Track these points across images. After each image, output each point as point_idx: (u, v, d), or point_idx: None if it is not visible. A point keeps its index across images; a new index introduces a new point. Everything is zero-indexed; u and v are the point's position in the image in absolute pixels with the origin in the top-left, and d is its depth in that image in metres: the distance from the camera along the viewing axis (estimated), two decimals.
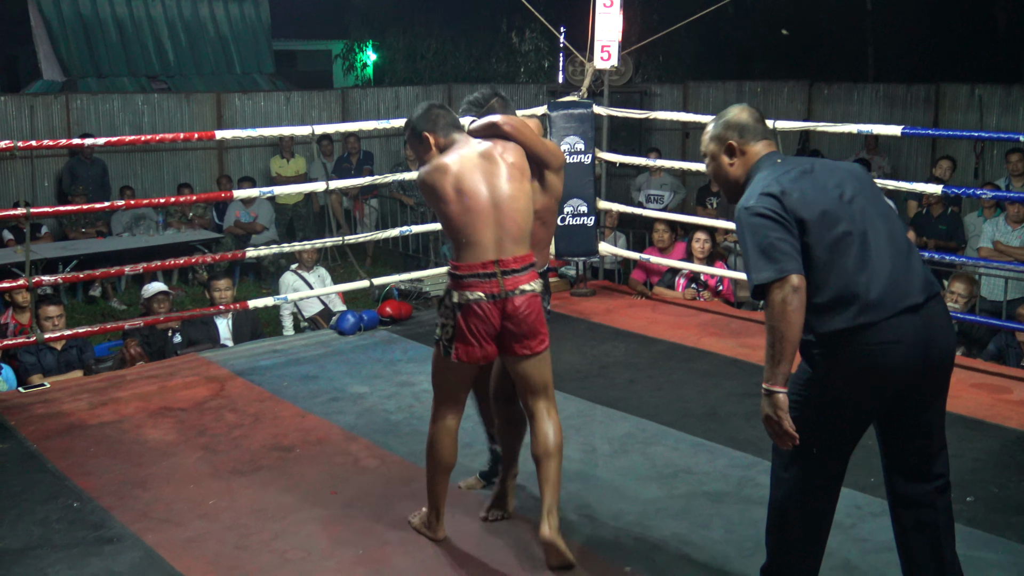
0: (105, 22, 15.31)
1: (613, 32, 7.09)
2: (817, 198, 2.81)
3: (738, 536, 3.61)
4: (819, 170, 2.91)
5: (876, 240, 2.81)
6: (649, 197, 11.46)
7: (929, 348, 2.80)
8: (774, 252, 2.74)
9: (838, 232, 2.78)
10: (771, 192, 2.81)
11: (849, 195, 2.86)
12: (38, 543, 3.60)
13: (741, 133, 3.01)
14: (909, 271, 2.83)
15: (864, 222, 2.82)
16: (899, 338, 2.75)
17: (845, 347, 2.78)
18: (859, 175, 2.97)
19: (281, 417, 4.86)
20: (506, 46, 17.06)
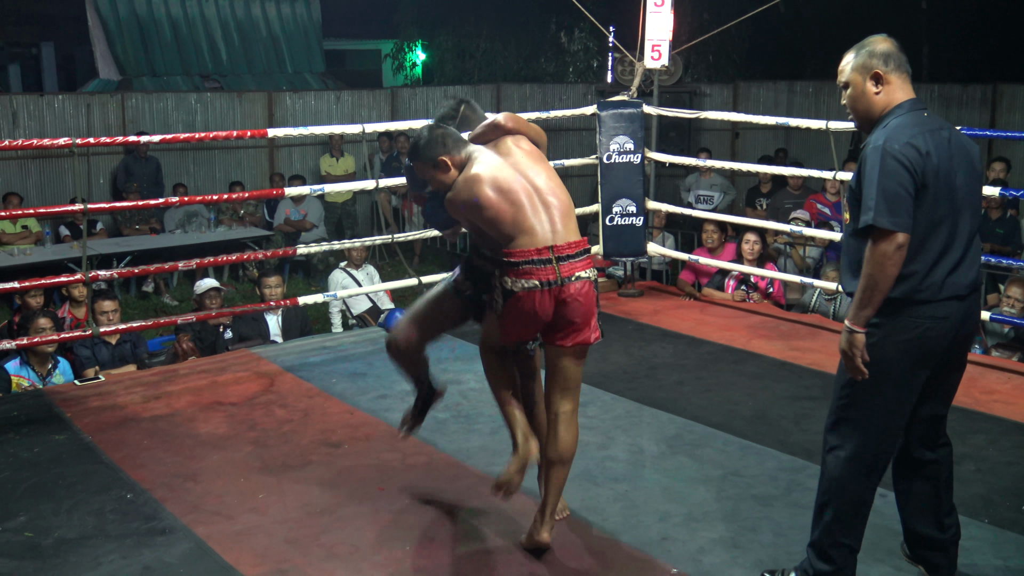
0: (160, 22, 15.56)
1: (664, 31, 7.06)
2: (946, 174, 2.90)
3: (787, 540, 3.57)
4: (955, 143, 2.96)
5: (961, 231, 2.95)
6: (699, 198, 11.39)
7: (960, 328, 3.00)
8: (898, 204, 2.82)
9: (941, 213, 2.90)
10: (918, 147, 2.86)
11: (961, 180, 2.95)
12: (92, 533, 3.67)
13: (886, 61, 3.02)
14: (972, 266, 2.99)
15: (959, 211, 2.94)
16: (949, 315, 2.95)
17: (895, 316, 2.94)
18: (975, 162, 3.04)
19: (330, 413, 4.91)
20: (555, 45, 17.03)
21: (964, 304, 2.99)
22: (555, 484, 3.47)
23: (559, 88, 14.77)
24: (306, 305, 6.48)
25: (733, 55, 15.79)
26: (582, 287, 3.37)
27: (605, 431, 4.63)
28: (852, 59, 3.09)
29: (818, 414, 4.81)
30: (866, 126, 3.07)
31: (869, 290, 2.89)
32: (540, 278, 3.30)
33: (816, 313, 6.97)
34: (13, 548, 3.56)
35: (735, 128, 13.89)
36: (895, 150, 2.85)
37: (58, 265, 8.99)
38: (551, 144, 11.49)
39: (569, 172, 13.00)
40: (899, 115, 2.97)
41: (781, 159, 12.36)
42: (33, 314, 6.16)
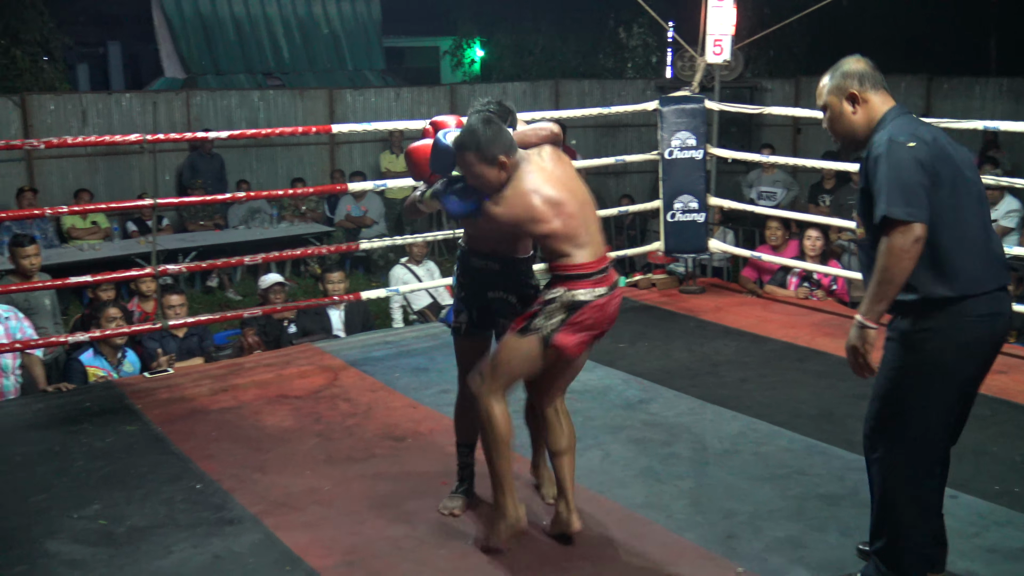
0: (224, 21, 15.80)
1: (726, 26, 7.00)
2: (953, 162, 2.89)
3: (854, 540, 3.53)
4: (949, 140, 2.96)
5: (979, 220, 2.94)
6: (761, 194, 11.28)
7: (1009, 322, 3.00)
8: (912, 194, 2.78)
9: (965, 203, 2.88)
10: (923, 138, 2.86)
11: (968, 173, 2.95)
12: (163, 522, 3.75)
13: (861, 81, 3.03)
14: (1000, 255, 2.99)
15: (974, 202, 2.93)
16: (999, 310, 2.93)
17: (949, 315, 2.88)
18: (970, 158, 3.05)
19: (393, 407, 4.95)
20: (613, 41, 16.95)
21: (1009, 297, 2.99)
22: (570, 471, 3.56)
23: (618, 84, 14.72)
24: (368, 300, 6.54)
25: (795, 49, 15.59)
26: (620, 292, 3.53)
27: (668, 428, 4.61)
28: (827, 82, 3.12)
29: None
30: (850, 145, 3.13)
31: (885, 284, 2.83)
32: (606, 284, 3.40)
33: None
34: (88, 535, 3.65)
35: (797, 124, 13.71)
36: (902, 143, 2.85)
37: (126, 260, 9.18)
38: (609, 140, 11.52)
39: (628, 168, 13.03)
40: (893, 118, 2.98)
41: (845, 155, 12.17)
42: (103, 304, 6.30)
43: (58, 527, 3.71)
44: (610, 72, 16.43)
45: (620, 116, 9.44)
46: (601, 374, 5.38)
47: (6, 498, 3.97)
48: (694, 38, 7.35)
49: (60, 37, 13.23)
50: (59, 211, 5.71)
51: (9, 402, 5.31)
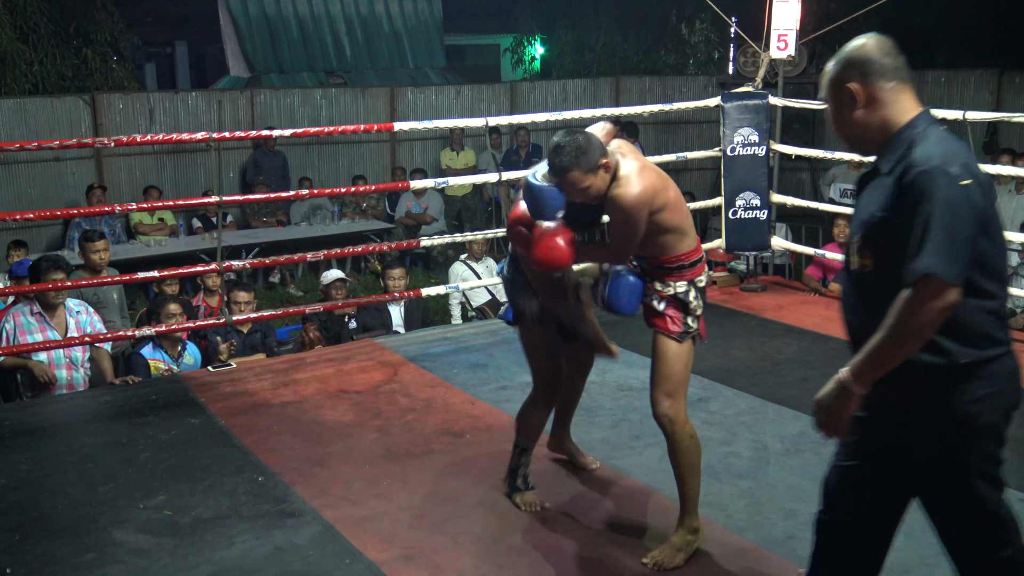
0: (287, 20, 16.00)
1: (791, 20, 6.90)
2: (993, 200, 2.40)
3: (919, 543, 3.45)
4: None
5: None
6: (844, 192, 11.08)
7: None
8: (963, 252, 2.26)
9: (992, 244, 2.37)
10: (975, 173, 2.32)
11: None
12: (227, 513, 3.80)
13: (864, 72, 2.43)
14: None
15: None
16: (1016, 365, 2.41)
17: (994, 377, 2.40)
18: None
19: (451, 403, 4.97)
20: (675, 37, 16.84)
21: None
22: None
23: (679, 80, 14.61)
24: (427, 297, 6.57)
25: None
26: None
27: (728, 427, 4.57)
28: (828, 69, 2.51)
29: None
30: (860, 150, 2.58)
31: (895, 348, 2.32)
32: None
33: None
34: (153, 525, 3.73)
35: None
36: (954, 177, 2.27)
37: (191, 256, 9.35)
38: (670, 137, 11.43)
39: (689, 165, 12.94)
40: (926, 129, 2.43)
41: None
42: (163, 299, 6.42)
43: (125, 516, 3.79)
44: (671, 68, 16.32)
45: (681, 113, 9.38)
46: None
47: (75, 487, 4.07)
48: (757, 33, 7.26)
49: (129, 37, 13.50)
50: (128, 208, 5.82)
51: (78, 394, 5.44)
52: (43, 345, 5.36)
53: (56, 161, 11.15)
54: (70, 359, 5.58)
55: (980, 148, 11.73)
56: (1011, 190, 9.08)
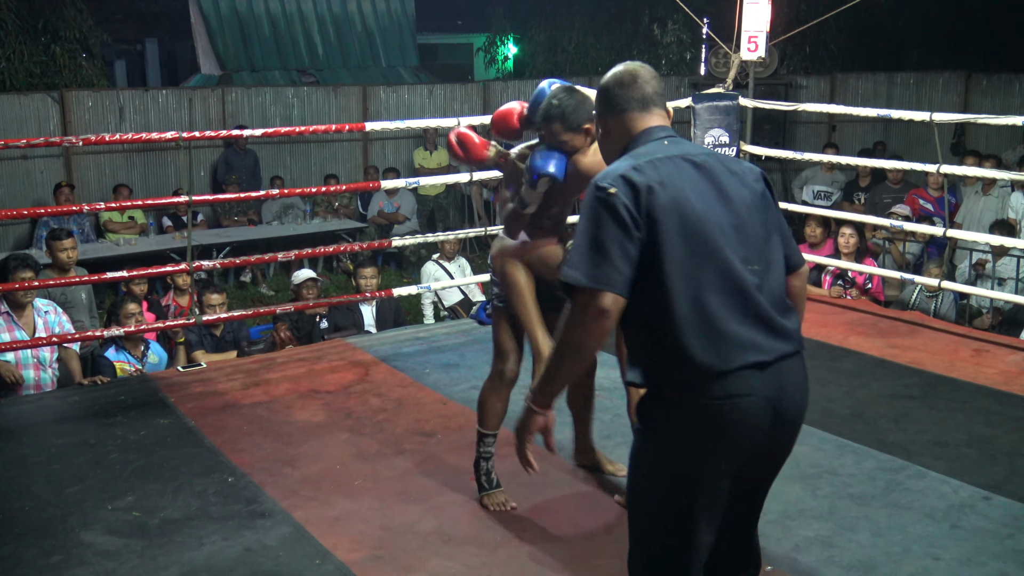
0: (259, 18, 15.92)
1: (761, 22, 6.95)
2: (691, 201, 2.30)
3: (885, 541, 3.50)
4: (712, 167, 2.38)
5: (742, 279, 2.30)
6: (818, 193, 11.16)
7: (775, 406, 2.31)
8: (603, 255, 2.23)
9: (699, 260, 2.27)
10: (633, 180, 2.27)
11: (724, 213, 2.33)
12: (196, 514, 3.78)
13: (606, 103, 2.51)
14: (770, 323, 2.32)
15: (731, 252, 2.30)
16: (748, 390, 2.26)
17: (682, 399, 2.29)
18: (753, 185, 2.42)
19: (423, 403, 4.97)
20: (647, 38, 16.89)
21: (768, 374, 2.28)
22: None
23: None
24: (399, 296, 6.57)
25: (831, 46, 15.45)
26: None
27: None
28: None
29: (918, 413, 4.71)
30: None
31: (560, 364, 2.32)
32: None
33: (916, 310, 6.80)
34: (122, 527, 3.70)
35: (832, 121, 13.60)
36: (603, 188, 2.27)
37: (161, 255, 9.29)
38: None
39: None
40: (637, 144, 2.44)
41: (880, 152, 12.08)
42: (120, 300, 6.38)
43: (93, 518, 3.77)
44: None
45: None
46: None
47: (42, 489, 4.03)
48: (729, 35, 7.30)
49: (98, 34, 13.39)
50: (97, 207, 5.77)
51: (46, 395, 5.39)
52: (10, 345, 5.30)
53: (24, 159, 11.03)
54: (38, 359, 5.53)
55: (947, 149, 11.86)
56: (977, 191, 9.19)
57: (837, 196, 11.00)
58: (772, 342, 2.30)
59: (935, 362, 5.48)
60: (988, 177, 8.09)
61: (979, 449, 4.29)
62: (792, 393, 2.34)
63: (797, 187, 11.52)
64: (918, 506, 3.75)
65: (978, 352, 5.67)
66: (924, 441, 4.38)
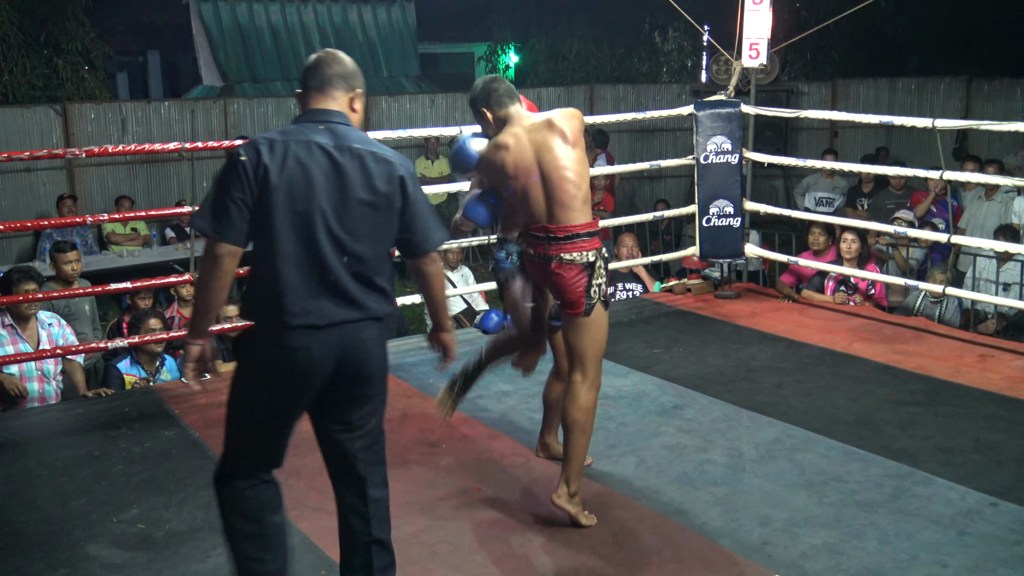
0: (261, 29, 15.93)
1: (762, 29, 6.96)
2: (304, 183, 2.77)
3: (893, 548, 3.49)
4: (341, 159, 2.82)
5: (326, 255, 2.78)
6: (819, 200, 11.15)
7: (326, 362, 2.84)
8: (218, 211, 2.73)
9: (292, 231, 2.75)
10: (259, 149, 2.77)
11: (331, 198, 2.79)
12: (201, 526, 3.78)
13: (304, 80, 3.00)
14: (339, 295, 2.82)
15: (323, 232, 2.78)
16: (301, 345, 2.78)
17: (256, 339, 2.85)
18: (376, 181, 2.85)
19: (427, 413, 4.96)
20: (649, 46, 16.91)
21: (322, 335, 2.80)
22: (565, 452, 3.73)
23: (653, 88, 14.68)
24: (402, 306, 6.55)
25: (832, 52, 15.47)
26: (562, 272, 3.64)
27: (703, 434, 4.59)
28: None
29: (924, 420, 4.70)
30: None
31: (195, 297, 2.87)
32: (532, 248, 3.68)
33: (921, 316, 6.79)
34: (127, 539, 3.70)
35: (834, 127, 13.61)
36: (233, 152, 2.77)
37: (164, 266, 9.29)
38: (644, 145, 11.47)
39: (664, 172, 13.00)
40: (292, 123, 2.92)
41: (883, 158, 12.08)
42: (144, 314, 6.36)
43: (98, 531, 3.76)
44: (645, 77, 16.39)
45: (655, 121, 9.44)
46: (636, 380, 5.36)
47: (47, 501, 4.03)
48: (730, 42, 7.31)
49: (101, 47, 13.40)
50: (100, 219, 5.77)
51: (51, 407, 5.39)
52: (14, 358, 5.31)
53: (27, 172, 11.06)
54: (42, 372, 5.53)
55: (950, 154, 11.85)
56: (980, 196, 9.18)
57: (839, 202, 10.99)
58: (337, 310, 2.81)
59: (940, 368, 5.47)
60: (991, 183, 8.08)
61: (985, 455, 4.28)
62: (352, 352, 2.86)
63: (799, 194, 11.52)
64: (925, 513, 3.74)
65: (983, 358, 5.66)
66: (930, 447, 4.37)
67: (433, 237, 3.01)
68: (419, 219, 2.96)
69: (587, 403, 3.69)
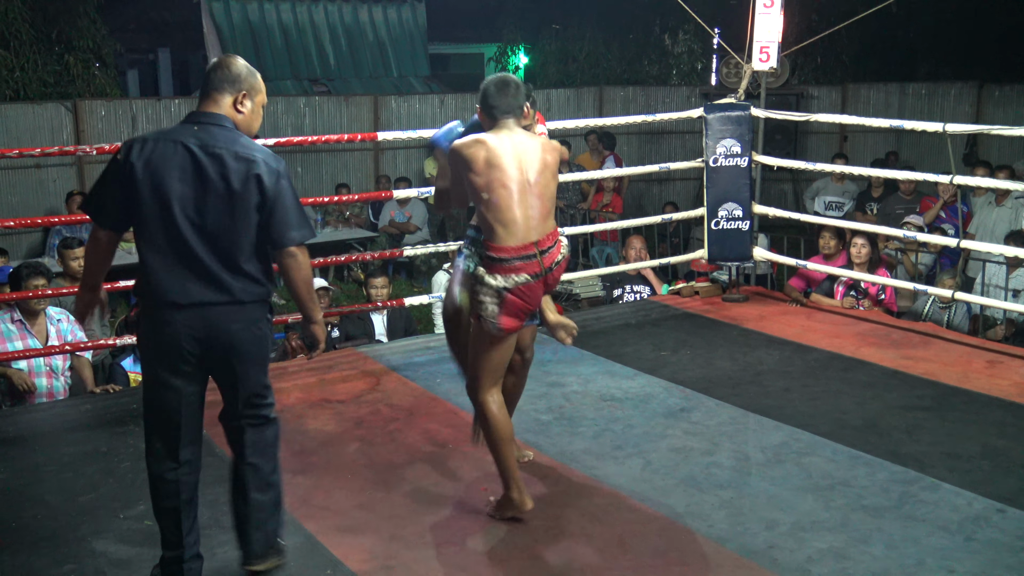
0: (271, 27, 15.96)
1: (773, 33, 6.94)
2: (160, 183, 3.13)
3: (899, 553, 3.49)
4: (203, 158, 3.14)
5: (185, 243, 3.15)
6: (829, 204, 11.13)
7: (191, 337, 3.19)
8: (103, 199, 3.24)
9: (156, 221, 3.15)
10: (132, 147, 3.16)
11: (187, 194, 3.13)
12: (208, 523, 3.77)
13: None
14: (198, 281, 3.18)
15: (183, 224, 3.14)
16: (169, 320, 3.17)
17: (143, 318, 3.27)
18: (233, 180, 3.15)
19: (434, 413, 4.96)
20: (658, 48, 16.91)
21: (185, 313, 3.17)
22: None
23: (662, 91, 14.67)
24: (410, 306, 6.57)
25: (842, 56, 15.44)
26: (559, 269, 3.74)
27: (710, 437, 4.58)
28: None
29: (931, 425, 4.69)
30: None
31: (83, 268, 3.43)
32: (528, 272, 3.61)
33: (929, 321, 6.77)
34: (133, 536, 3.71)
35: (844, 131, 13.58)
36: (118, 148, 3.21)
37: None
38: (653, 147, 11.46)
39: (672, 175, 12.98)
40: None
41: (892, 162, 12.06)
42: None
43: (105, 527, 3.77)
44: (654, 79, 16.39)
45: (664, 123, 9.43)
46: (643, 382, 5.36)
47: (54, 497, 4.04)
48: (740, 45, 7.30)
49: (111, 44, 13.45)
50: None
51: (58, 403, 5.41)
52: (23, 353, 5.32)
53: (37, 168, 11.09)
54: (50, 367, 5.55)
55: (960, 160, 11.82)
56: (990, 202, 9.15)
57: (849, 206, 10.97)
58: (201, 292, 3.17)
59: (948, 373, 5.46)
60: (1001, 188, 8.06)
61: (993, 461, 4.27)
62: (218, 333, 3.20)
63: (808, 198, 11.50)
64: (932, 518, 3.73)
65: (992, 363, 5.64)
66: (938, 453, 4.35)
67: (288, 233, 3.24)
68: (276, 215, 3.22)
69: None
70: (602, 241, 10.51)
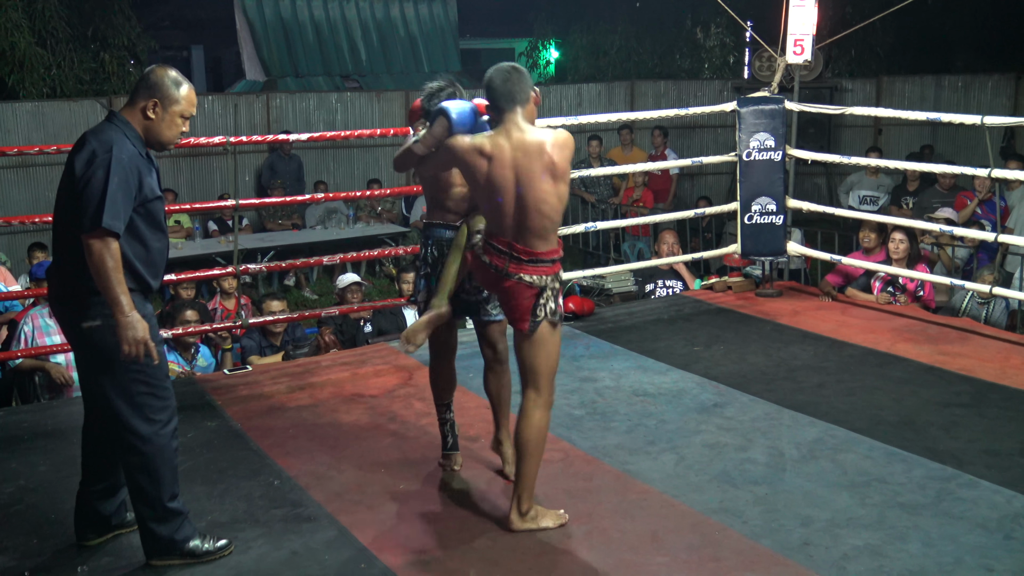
0: (303, 24, 16.04)
1: (807, 25, 6.89)
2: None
3: (937, 551, 3.45)
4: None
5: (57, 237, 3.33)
6: (864, 199, 11.03)
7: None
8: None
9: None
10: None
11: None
12: (242, 517, 3.81)
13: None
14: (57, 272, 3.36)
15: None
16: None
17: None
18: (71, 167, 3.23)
19: (466, 407, 4.96)
20: (690, 42, 16.82)
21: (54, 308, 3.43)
22: (518, 472, 3.63)
23: (694, 85, 14.59)
24: None
25: (877, 49, 15.28)
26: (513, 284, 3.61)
27: (743, 433, 4.55)
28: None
29: (969, 421, 4.64)
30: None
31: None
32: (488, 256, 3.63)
33: (967, 317, 6.69)
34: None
35: (878, 124, 13.44)
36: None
37: (207, 259, 9.39)
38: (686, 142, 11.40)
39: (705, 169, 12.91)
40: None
41: (928, 156, 11.91)
42: (182, 305, 6.46)
43: None
44: (687, 73, 16.30)
45: (697, 117, 9.34)
46: (676, 377, 5.34)
47: None
48: (773, 38, 7.24)
49: (146, 41, 13.58)
50: None
51: None
52: (61, 347, 5.39)
53: None
54: None
55: (997, 152, 11.66)
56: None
57: (884, 201, 10.86)
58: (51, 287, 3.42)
59: (986, 369, 5.39)
60: None
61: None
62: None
63: (843, 192, 11.39)
64: (970, 516, 3.69)
65: None
66: (975, 450, 4.30)
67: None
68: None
69: (539, 423, 3.62)
70: (634, 236, 10.47)
